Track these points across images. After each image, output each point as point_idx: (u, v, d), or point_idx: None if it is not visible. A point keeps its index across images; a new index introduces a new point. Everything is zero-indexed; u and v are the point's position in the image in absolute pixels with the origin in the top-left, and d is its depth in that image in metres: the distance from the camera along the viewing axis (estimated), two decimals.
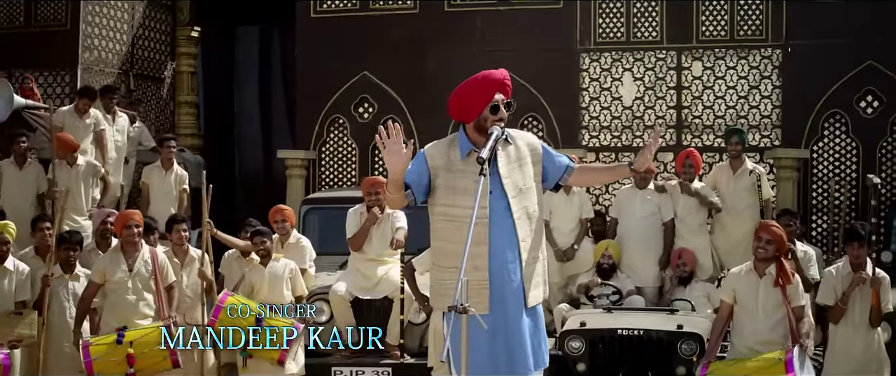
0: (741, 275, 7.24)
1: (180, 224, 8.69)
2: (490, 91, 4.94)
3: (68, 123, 10.96)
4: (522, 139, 5.06)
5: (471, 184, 4.82)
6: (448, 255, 4.92)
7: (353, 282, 9.04)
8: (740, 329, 7.16)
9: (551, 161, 5.07)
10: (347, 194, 10.93)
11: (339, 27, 13.19)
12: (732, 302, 7.20)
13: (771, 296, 7.06)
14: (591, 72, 12.68)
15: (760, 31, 12.20)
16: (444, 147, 5.05)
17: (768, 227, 7.28)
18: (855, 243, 7.57)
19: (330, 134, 13.36)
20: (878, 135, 11.85)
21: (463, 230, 4.77)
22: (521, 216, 4.90)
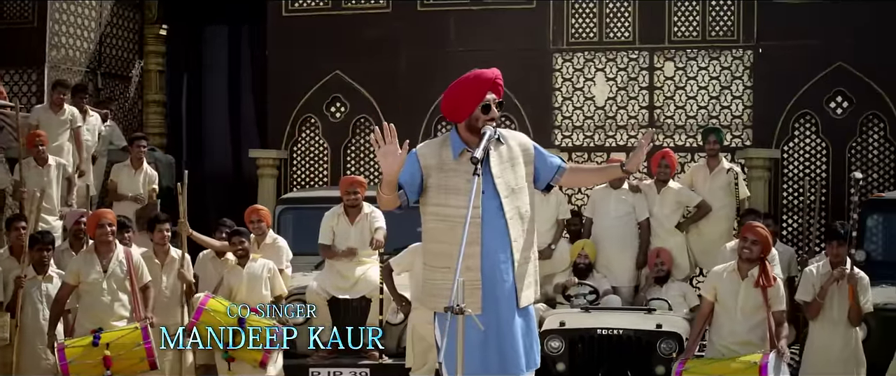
0: (724, 274, 7.26)
1: (163, 224, 8.58)
2: (481, 90, 4.91)
3: (44, 120, 10.84)
4: (514, 139, 5.03)
5: (463, 184, 4.80)
6: (440, 255, 4.90)
7: (330, 281, 9.00)
8: (719, 328, 7.19)
9: (543, 161, 5.05)
10: (323, 194, 10.89)
11: (310, 26, 13.12)
12: (713, 300, 7.22)
13: (751, 298, 7.09)
14: (563, 72, 12.70)
15: (732, 31, 12.27)
16: (436, 146, 5.02)
17: (754, 228, 7.29)
18: (835, 242, 7.62)
19: (302, 133, 13.28)
20: (848, 136, 11.96)
21: (455, 230, 4.76)
22: (514, 216, 4.88)
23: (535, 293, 5.03)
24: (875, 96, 11.83)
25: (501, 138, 4.95)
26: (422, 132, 12.83)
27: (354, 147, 13.18)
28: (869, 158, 11.99)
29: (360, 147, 13.16)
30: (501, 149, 4.93)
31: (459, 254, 4.39)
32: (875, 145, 11.99)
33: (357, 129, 13.15)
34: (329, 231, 9.17)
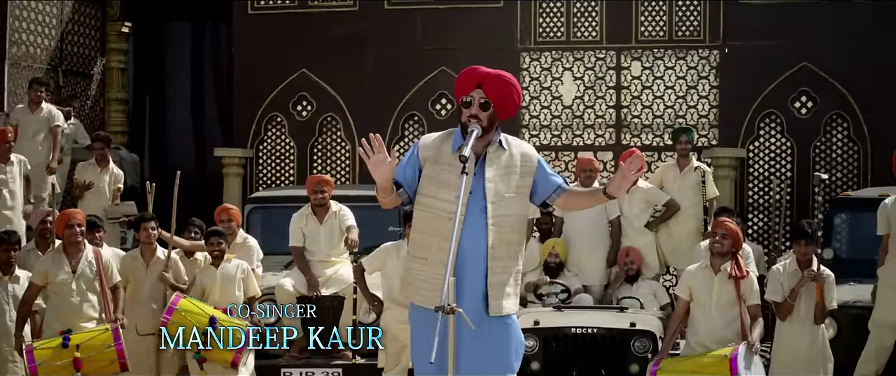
0: (696, 271, 7.31)
1: (149, 222, 8.46)
2: (469, 84, 4.88)
3: (22, 120, 10.71)
4: (519, 148, 4.96)
5: (453, 179, 4.77)
6: (419, 245, 4.92)
7: (301, 280, 8.93)
8: (695, 326, 7.22)
9: (544, 178, 4.94)
10: (292, 193, 10.82)
11: (276, 24, 13.03)
12: (688, 299, 7.26)
13: (725, 293, 7.13)
14: (531, 71, 12.72)
15: (698, 31, 12.36)
16: (438, 139, 5.01)
17: (723, 223, 7.36)
18: (802, 241, 7.67)
19: (267, 132, 13.20)
20: (813, 135, 12.10)
21: (435, 222, 4.78)
22: (497, 223, 4.81)
23: (513, 305, 4.92)
24: (839, 96, 11.97)
25: (505, 144, 4.90)
26: (389, 131, 12.81)
27: (321, 146, 13.11)
28: (832, 158, 12.13)
29: (327, 146, 13.09)
30: (502, 155, 4.88)
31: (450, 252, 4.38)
32: (838, 145, 12.13)
33: (324, 128, 13.08)
34: (299, 232, 9.11)
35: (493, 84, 4.86)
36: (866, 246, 8.96)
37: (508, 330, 4.90)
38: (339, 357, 8.82)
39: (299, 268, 9.03)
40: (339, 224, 9.05)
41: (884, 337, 7.97)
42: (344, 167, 13.02)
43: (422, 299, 4.84)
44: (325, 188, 9.06)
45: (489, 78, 4.87)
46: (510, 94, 4.90)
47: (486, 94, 4.84)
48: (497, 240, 4.81)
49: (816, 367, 7.63)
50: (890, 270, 7.96)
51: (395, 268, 8.29)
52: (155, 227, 8.57)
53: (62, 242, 8.03)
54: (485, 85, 4.86)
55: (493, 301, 4.80)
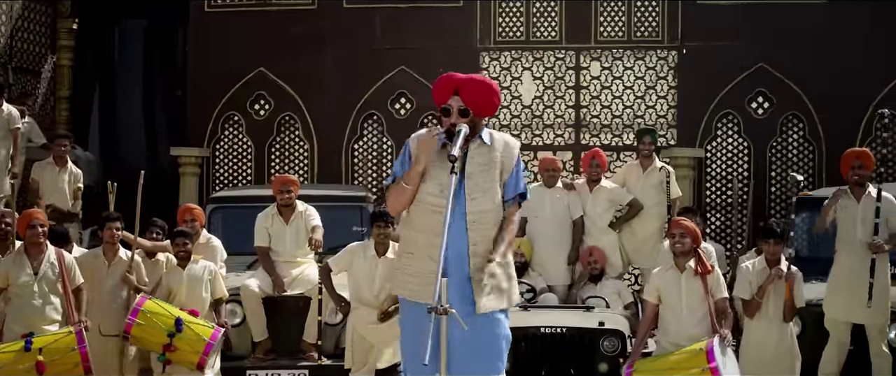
0: (662, 273, 7.33)
1: (114, 222, 8.30)
2: (445, 92, 4.87)
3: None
4: (502, 142, 4.97)
5: (441, 174, 4.79)
6: (407, 241, 4.97)
7: (267, 281, 8.84)
8: (666, 326, 7.22)
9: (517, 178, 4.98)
10: (255, 192, 10.73)
11: (234, 22, 12.91)
12: (657, 302, 7.27)
13: (694, 291, 7.15)
14: (490, 70, 12.72)
15: (657, 32, 12.45)
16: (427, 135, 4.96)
17: (679, 222, 7.41)
18: (771, 240, 7.75)
19: (224, 131, 13.06)
20: (769, 135, 12.25)
21: (423, 216, 4.82)
22: (476, 220, 4.83)
23: (501, 302, 4.92)
24: (794, 97, 12.14)
25: (488, 139, 4.90)
26: (348, 130, 12.74)
27: (279, 145, 13.00)
28: (788, 157, 12.29)
29: (285, 145, 12.99)
30: (484, 150, 4.88)
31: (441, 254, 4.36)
32: (794, 145, 12.30)
33: (281, 127, 12.98)
34: (264, 232, 9.01)
35: (469, 90, 4.86)
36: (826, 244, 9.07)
37: (495, 329, 4.89)
38: (305, 358, 8.74)
39: (264, 268, 8.94)
40: (306, 224, 8.97)
41: (839, 334, 8.06)
42: (302, 166, 12.92)
43: (409, 293, 4.85)
44: (291, 188, 8.98)
45: (465, 84, 4.87)
46: (488, 97, 4.92)
47: (463, 101, 4.84)
48: (478, 237, 4.81)
49: (785, 365, 7.71)
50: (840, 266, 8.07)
51: (361, 268, 8.26)
52: (120, 228, 8.43)
53: (24, 243, 7.85)
54: (462, 91, 4.85)
55: (479, 299, 4.80)
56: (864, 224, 8.01)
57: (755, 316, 7.74)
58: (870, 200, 8.03)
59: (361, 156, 12.86)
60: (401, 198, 4.89)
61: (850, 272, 7.98)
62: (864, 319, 7.96)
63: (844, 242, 8.07)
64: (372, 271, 8.22)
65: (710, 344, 6.80)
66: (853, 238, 8.01)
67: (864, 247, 7.95)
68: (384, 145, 12.83)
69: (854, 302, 7.92)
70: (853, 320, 8.01)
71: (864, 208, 8.05)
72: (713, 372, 6.64)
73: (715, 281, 7.22)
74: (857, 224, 8.03)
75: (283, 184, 9.02)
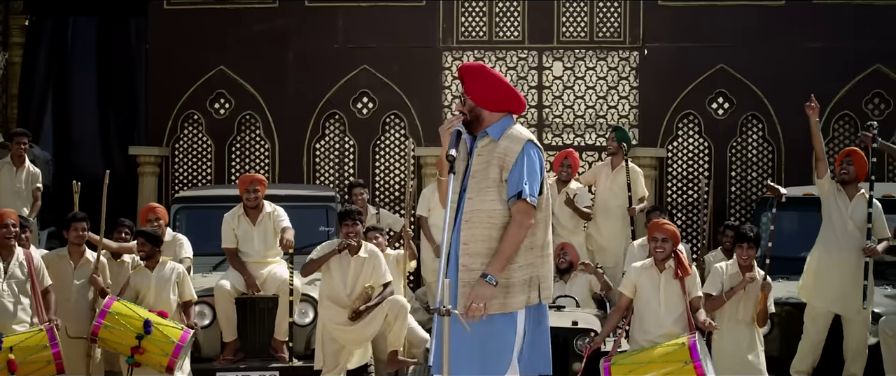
0: (642, 270, 7.33)
1: (80, 222, 8.15)
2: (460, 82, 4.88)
3: None
4: (508, 138, 4.87)
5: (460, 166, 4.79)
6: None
7: (239, 280, 8.75)
8: (641, 323, 7.21)
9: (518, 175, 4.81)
10: (220, 192, 10.62)
11: (194, 20, 12.74)
12: (632, 296, 7.29)
13: (672, 290, 7.18)
14: (453, 70, 12.69)
15: (619, 33, 12.51)
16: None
17: (661, 226, 7.39)
18: (744, 244, 7.81)
19: (184, 130, 12.90)
20: (729, 136, 12.36)
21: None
22: (469, 219, 4.80)
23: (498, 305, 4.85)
24: (754, 97, 12.25)
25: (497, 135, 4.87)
26: (309, 130, 12.65)
27: (239, 144, 12.86)
28: (748, 158, 12.41)
29: (246, 144, 12.86)
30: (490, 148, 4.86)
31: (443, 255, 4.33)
32: (754, 145, 12.42)
33: (242, 127, 12.85)
34: (231, 233, 8.91)
35: (467, 77, 4.90)
36: (791, 244, 9.20)
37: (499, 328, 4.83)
38: (276, 359, 8.66)
39: (234, 268, 8.84)
40: (274, 225, 8.89)
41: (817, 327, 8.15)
42: (263, 166, 12.79)
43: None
44: (258, 188, 8.89)
45: (464, 71, 4.90)
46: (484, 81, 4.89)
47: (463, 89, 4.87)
48: (469, 236, 4.77)
49: (754, 366, 7.77)
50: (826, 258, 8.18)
51: (336, 267, 8.20)
52: (86, 228, 8.29)
53: None
54: (463, 79, 4.88)
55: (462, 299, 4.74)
56: (853, 220, 8.14)
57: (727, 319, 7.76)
58: (862, 202, 8.16)
59: (323, 155, 12.77)
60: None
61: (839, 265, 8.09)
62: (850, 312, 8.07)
63: (832, 235, 8.20)
64: (345, 270, 8.17)
65: (691, 339, 6.84)
66: (843, 232, 8.15)
67: (853, 244, 8.07)
68: (346, 145, 12.75)
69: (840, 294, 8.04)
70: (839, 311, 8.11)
71: (855, 208, 8.18)
72: (696, 367, 6.66)
73: (692, 281, 7.27)
74: (846, 220, 8.16)
75: (250, 183, 8.90)
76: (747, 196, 12.40)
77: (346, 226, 8.11)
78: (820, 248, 8.27)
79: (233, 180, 12.72)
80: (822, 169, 8.25)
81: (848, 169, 8.27)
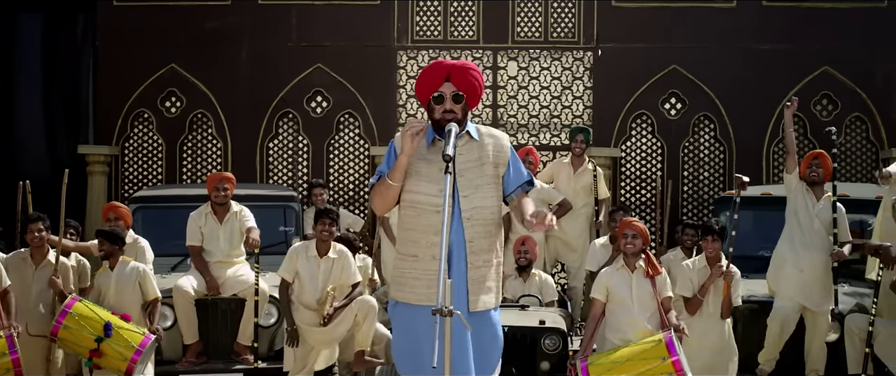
0: (612, 272, 7.37)
1: (36, 223, 7.96)
2: (436, 79, 4.83)
3: None
4: (490, 137, 4.93)
5: (433, 172, 4.75)
6: (407, 242, 4.85)
7: (200, 281, 8.64)
8: (616, 323, 7.23)
9: (516, 169, 4.94)
10: (179, 192, 10.47)
11: (144, 16, 12.54)
12: (605, 300, 7.31)
13: (644, 289, 7.21)
14: (408, 69, 12.67)
15: (573, 33, 12.58)
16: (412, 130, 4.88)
17: (630, 223, 7.42)
18: (710, 237, 7.91)
19: (134, 129, 12.69)
20: (681, 136, 12.50)
21: (421, 217, 4.74)
22: (471, 216, 4.79)
23: (495, 299, 4.89)
24: (706, 98, 12.41)
25: (476, 135, 4.87)
26: (263, 129, 12.52)
27: (191, 143, 12.69)
28: (700, 157, 12.56)
29: (197, 143, 12.69)
30: (473, 146, 4.85)
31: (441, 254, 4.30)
32: (706, 145, 12.58)
33: (194, 125, 12.68)
34: (197, 231, 8.80)
35: (460, 75, 4.85)
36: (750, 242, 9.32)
37: (490, 328, 4.86)
38: (240, 361, 8.56)
39: (197, 268, 8.73)
40: (240, 224, 8.80)
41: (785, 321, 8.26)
42: (215, 165, 12.64)
43: (416, 297, 4.75)
44: (227, 186, 8.79)
45: (456, 69, 4.86)
46: (479, 81, 4.91)
47: (456, 87, 4.82)
48: (473, 233, 4.78)
49: (724, 360, 7.86)
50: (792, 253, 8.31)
51: (304, 268, 8.14)
52: (44, 228, 8.10)
53: None
54: (452, 77, 4.83)
55: (472, 296, 4.77)
56: (820, 219, 8.28)
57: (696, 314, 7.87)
58: (828, 204, 8.31)
59: (276, 154, 12.65)
60: (387, 195, 4.80)
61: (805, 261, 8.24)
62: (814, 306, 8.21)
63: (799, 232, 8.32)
64: (314, 271, 8.10)
65: (668, 336, 6.86)
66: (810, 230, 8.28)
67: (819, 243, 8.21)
68: (300, 144, 12.65)
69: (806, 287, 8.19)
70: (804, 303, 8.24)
71: (822, 208, 8.32)
72: (674, 362, 6.70)
73: (662, 281, 7.31)
74: (813, 219, 8.29)
75: (219, 181, 8.81)
76: (700, 195, 12.55)
77: (322, 223, 8.05)
78: (786, 244, 8.40)
79: (184, 180, 12.56)
80: (792, 164, 8.38)
81: (817, 170, 8.40)
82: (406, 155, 4.71)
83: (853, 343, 8.11)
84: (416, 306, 4.77)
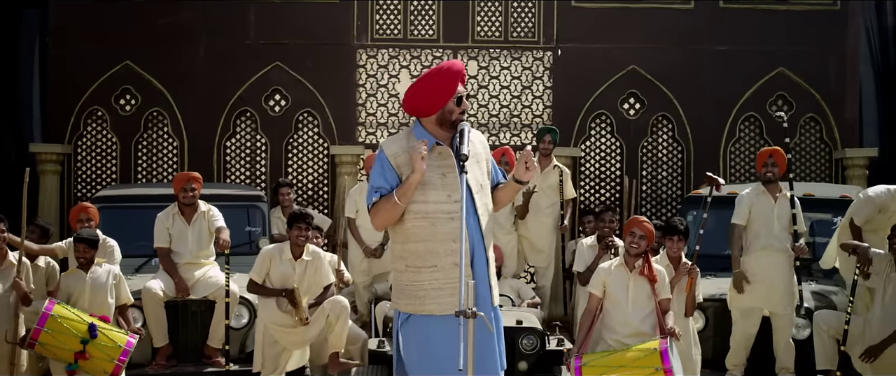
0: (611, 269, 7.30)
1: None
2: (454, 82, 4.83)
3: None
4: (476, 136, 5.01)
5: (437, 178, 4.74)
6: (424, 254, 4.76)
7: (169, 283, 8.48)
8: (610, 322, 7.18)
9: (494, 165, 5.15)
10: (144, 191, 10.28)
11: (97, 12, 12.27)
12: (601, 295, 7.26)
13: (642, 289, 7.16)
14: (367, 68, 12.58)
15: (533, 33, 12.60)
16: (402, 142, 4.87)
17: (640, 223, 7.33)
18: (675, 237, 7.96)
19: (87, 127, 12.41)
20: (640, 136, 12.58)
21: (437, 226, 4.70)
22: (484, 213, 4.84)
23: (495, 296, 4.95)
24: (664, 98, 12.51)
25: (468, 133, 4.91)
26: (220, 127, 12.34)
27: (146, 142, 12.45)
28: (658, 157, 12.67)
29: (153, 142, 12.46)
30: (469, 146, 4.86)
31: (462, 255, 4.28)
32: (664, 145, 12.68)
33: (149, 124, 12.44)
34: (165, 232, 8.65)
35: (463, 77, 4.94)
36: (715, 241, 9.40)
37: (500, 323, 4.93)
38: (211, 364, 8.43)
39: (166, 270, 8.57)
40: (209, 225, 8.66)
41: (747, 324, 8.36)
42: (171, 165, 12.42)
43: (440, 307, 4.70)
44: (195, 186, 8.64)
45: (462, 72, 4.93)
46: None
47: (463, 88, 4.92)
48: (488, 228, 4.84)
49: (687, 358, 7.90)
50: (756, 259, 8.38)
51: (278, 271, 8.06)
52: (4, 230, 7.89)
53: None
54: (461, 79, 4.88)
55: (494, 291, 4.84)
56: (780, 220, 8.36)
57: None
58: (785, 200, 8.39)
59: (234, 153, 12.48)
60: (394, 214, 4.76)
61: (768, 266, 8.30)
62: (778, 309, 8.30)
63: (760, 237, 8.39)
64: (289, 274, 8.01)
65: (663, 344, 6.82)
66: (770, 234, 8.35)
67: (781, 243, 8.30)
68: (258, 143, 12.49)
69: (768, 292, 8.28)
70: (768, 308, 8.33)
71: (780, 207, 8.39)
72: (667, 373, 6.70)
73: (661, 282, 7.28)
74: (773, 221, 8.36)
75: (187, 181, 8.67)
76: (658, 195, 12.66)
77: (298, 228, 7.96)
78: (748, 250, 8.48)
79: (140, 179, 12.33)
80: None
81: (772, 169, 8.47)
82: (419, 176, 4.66)
83: (822, 339, 8.23)
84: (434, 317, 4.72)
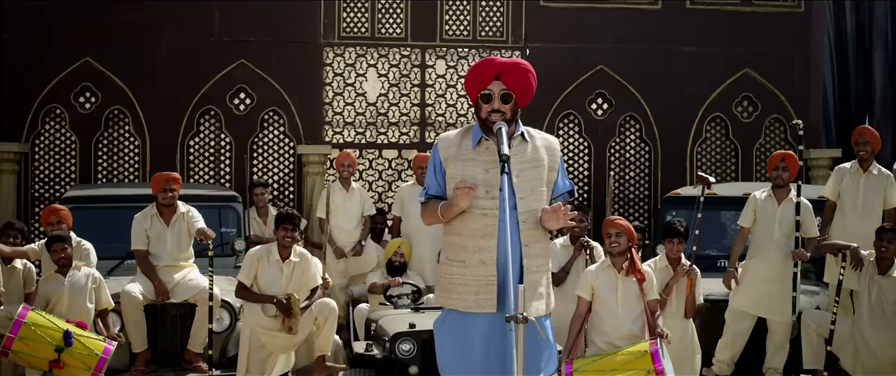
0: (598, 272, 7.26)
1: None
2: (485, 77, 4.70)
3: None
4: (543, 141, 4.82)
5: (480, 174, 4.62)
6: (455, 248, 4.70)
7: (149, 287, 8.23)
8: (599, 325, 7.13)
9: (563, 176, 4.88)
10: (115, 191, 10.02)
11: (56, 7, 11.89)
12: (590, 298, 7.20)
13: (630, 290, 7.12)
14: (334, 66, 12.40)
15: (501, 32, 12.53)
16: (457, 136, 4.79)
17: (613, 222, 7.30)
18: (674, 239, 7.94)
19: (45, 125, 12.05)
20: (608, 136, 12.58)
21: (468, 222, 4.63)
22: (527, 219, 4.65)
23: (546, 306, 4.76)
24: (632, 98, 12.52)
25: (527, 136, 4.73)
26: (183, 126, 12.07)
27: (107, 141, 12.12)
28: (626, 157, 12.68)
29: (114, 141, 12.13)
30: (526, 148, 4.71)
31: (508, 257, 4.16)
32: (632, 145, 12.69)
33: (110, 122, 12.12)
34: (143, 234, 8.39)
35: (510, 73, 4.75)
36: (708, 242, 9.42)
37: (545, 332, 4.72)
38: (192, 369, 8.20)
39: (144, 273, 8.32)
40: (188, 226, 8.42)
41: (739, 325, 8.37)
42: (132, 164, 12.11)
43: (464, 304, 4.59)
44: (174, 186, 8.40)
45: (506, 68, 4.75)
46: (529, 81, 4.80)
47: (505, 85, 4.70)
48: (529, 237, 4.66)
49: (687, 358, 7.89)
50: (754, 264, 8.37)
51: (266, 273, 7.89)
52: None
53: None
54: (503, 75, 4.72)
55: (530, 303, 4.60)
56: (781, 226, 8.32)
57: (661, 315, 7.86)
58: (790, 205, 8.35)
59: (198, 153, 12.21)
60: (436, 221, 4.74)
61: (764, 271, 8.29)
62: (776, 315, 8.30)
63: (761, 241, 8.37)
64: (277, 275, 7.83)
65: (654, 346, 6.77)
66: (770, 238, 8.32)
67: (780, 249, 8.28)
68: (222, 142, 12.24)
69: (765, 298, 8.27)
70: (765, 315, 8.33)
71: (783, 211, 8.36)
72: (658, 375, 6.65)
73: (649, 282, 7.24)
74: (773, 228, 8.34)
75: (166, 181, 8.42)
76: (625, 195, 12.67)
77: (285, 229, 7.78)
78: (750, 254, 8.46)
79: (100, 179, 12.00)
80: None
81: (782, 174, 8.44)
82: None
83: (810, 339, 8.26)
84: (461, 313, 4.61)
